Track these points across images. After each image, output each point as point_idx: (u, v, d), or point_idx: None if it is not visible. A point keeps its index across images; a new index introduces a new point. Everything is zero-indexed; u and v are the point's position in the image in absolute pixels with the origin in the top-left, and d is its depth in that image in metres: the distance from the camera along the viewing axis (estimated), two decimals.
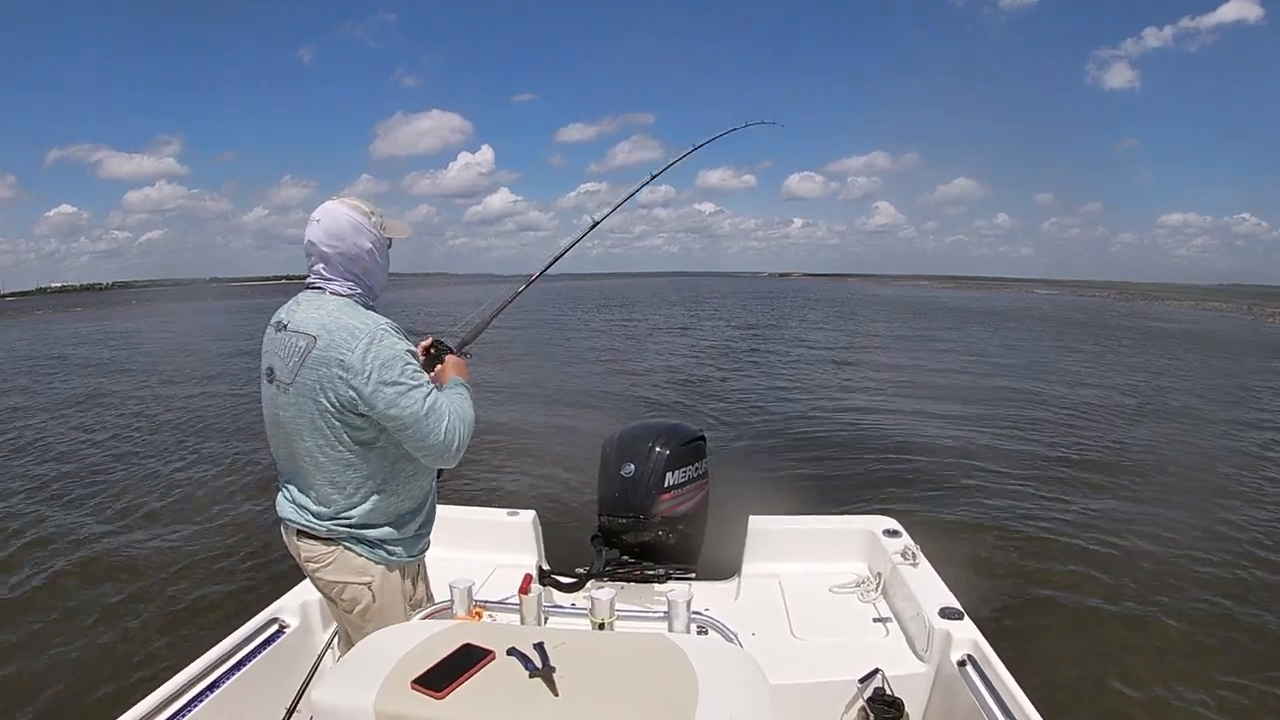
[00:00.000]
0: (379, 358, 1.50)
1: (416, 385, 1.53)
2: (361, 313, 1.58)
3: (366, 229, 1.63)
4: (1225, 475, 6.72)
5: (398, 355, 1.52)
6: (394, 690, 1.12)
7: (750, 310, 35.63)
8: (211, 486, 6.30)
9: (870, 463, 6.82)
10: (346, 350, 1.50)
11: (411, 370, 1.54)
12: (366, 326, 1.53)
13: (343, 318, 1.55)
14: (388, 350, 1.51)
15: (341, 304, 1.59)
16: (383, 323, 1.56)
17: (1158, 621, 3.87)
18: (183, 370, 14.31)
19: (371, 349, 1.50)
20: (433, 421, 1.53)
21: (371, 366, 1.49)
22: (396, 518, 1.67)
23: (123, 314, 43.71)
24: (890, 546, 2.63)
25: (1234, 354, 18.11)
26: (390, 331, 1.55)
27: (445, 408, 1.57)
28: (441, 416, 1.55)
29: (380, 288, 1.70)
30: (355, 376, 1.50)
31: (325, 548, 1.66)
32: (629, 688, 1.16)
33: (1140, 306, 47.77)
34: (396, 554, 1.68)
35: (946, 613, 2.15)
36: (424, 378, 1.57)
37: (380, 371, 1.49)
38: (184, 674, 1.84)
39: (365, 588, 1.67)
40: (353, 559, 1.65)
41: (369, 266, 1.65)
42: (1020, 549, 4.79)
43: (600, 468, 2.80)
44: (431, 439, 1.54)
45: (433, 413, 1.54)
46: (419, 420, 1.52)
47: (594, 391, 10.79)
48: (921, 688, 2.10)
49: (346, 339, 1.51)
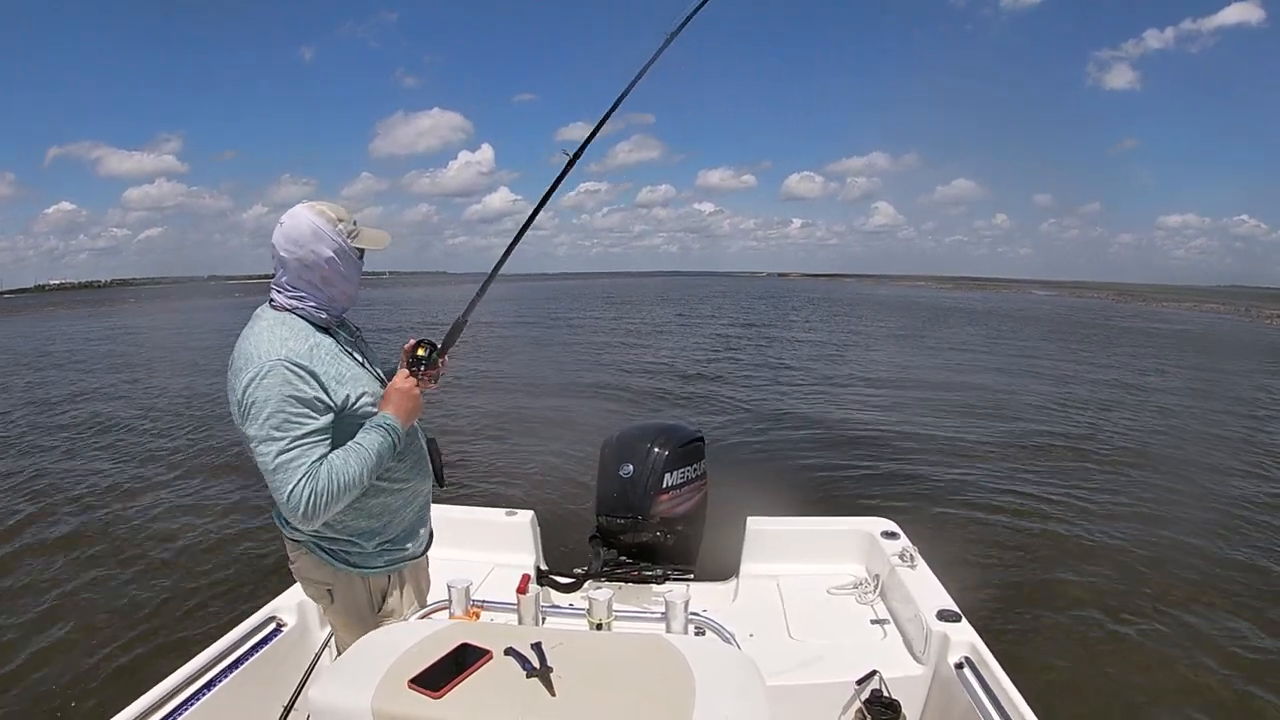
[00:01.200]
0: (253, 396, 1.42)
1: (274, 439, 1.42)
2: (276, 335, 1.48)
3: (328, 236, 1.53)
4: (1225, 479, 6.72)
5: (271, 399, 1.42)
6: (391, 690, 1.12)
7: (748, 310, 35.64)
8: (208, 483, 6.30)
9: (868, 464, 6.83)
10: (236, 379, 1.46)
11: (279, 419, 1.42)
12: (261, 358, 1.44)
13: (253, 340, 1.48)
14: (265, 391, 1.42)
15: (272, 321, 1.52)
16: (280, 356, 1.44)
17: (1156, 624, 3.87)
18: (181, 365, 14.29)
19: (252, 384, 1.43)
20: (279, 478, 1.42)
21: (248, 401, 1.43)
22: (351, 535, 1.62)
23: (123, 311, 43.72)
24: (888, 548, 2.63)
25: (1231, 356, 18.15)
26: (282, 368, 1.43)
27: (305, 474, 1.42)
28: (289, 481, 1.41)
29: (345, 299, 1.60)
30: (236, 405, 1.46)
31: (295, 550, 1.66)
32: (626, 688, 1.16)
33: (1138, 308, 47.86)
34: (356, 563, 1.64)
35: (944, 615, 2.15)
36: (294, 431, 1.43)
37: (250, 410, 1.43)
38: (180, 672, 1.84)
39: (326, 591, 1.66)
40: (316, 561, 1.63)
41: (328, 276, 1.54)
42: (1018, 551, 4.79)
43: (599, 468, 2.79)
44: (277, 495, 1.44)
45: (281, 469, 1.41)
46: (267, 472, 1.43)
47: (592, 391, 10.80)
48: (919, 690, 2.10)
49: (242, 365, 1.46)
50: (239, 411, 1.46)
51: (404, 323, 25.48)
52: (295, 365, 1.45)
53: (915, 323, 28.64)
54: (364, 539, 1.63)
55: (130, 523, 5.40)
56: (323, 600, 1.69)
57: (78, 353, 18.60)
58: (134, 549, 4.86)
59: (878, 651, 2.23)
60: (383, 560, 1.66)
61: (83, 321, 34.72)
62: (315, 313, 1.56)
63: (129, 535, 5.13)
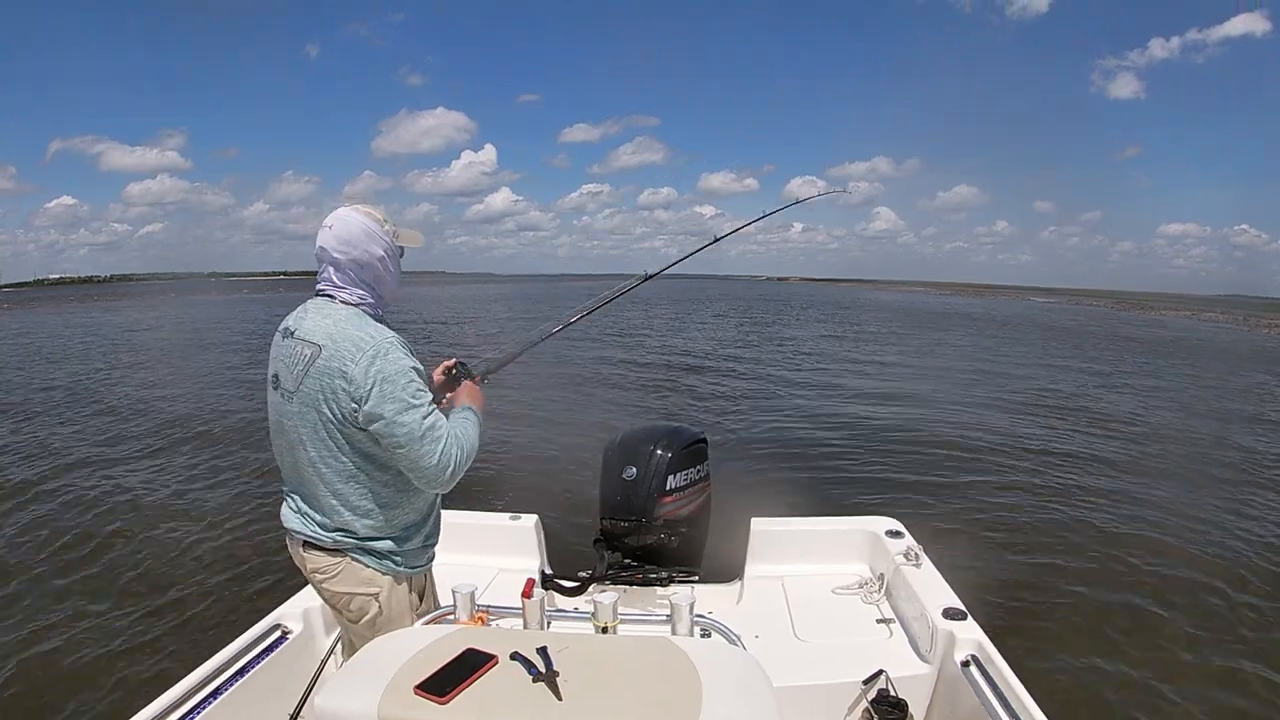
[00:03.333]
0: (382, 372, 1.47)
1: (416, 405, 1.49)
2: (369, 324, 1.55)
3: (379, 236, 1.61)
4: (1232, 477, 6.71)
5: (401, 371, 1.49)
6: (397, 696, 1.12)
7: (749, 313, 35.59)
8: (215, 488, 6.29)
9: (872, 464, 6.82)
10: (350, 362, 1.48)
11: (414, 389, 1.50)
12: (373, 339, 1.50)
13: (349, 328, 1.52)
14: (391, 365, 1.48)
15: (350, 314, 1.57)
16: (389, 336, 1.53)
17: (1163, 621, 3.86)
18: (184, 364, 14.29)
19: (376, 363, 1.47)
20: (428, 444, 1.49)
21: (374, 381, 1.46)
22: (401, 530, 1.65)
23: (127, 306, 43.72)
24: (893, 547, 2.63)
25: (1231, 364, 18.13)
26: (396, 346, 1.52)
27: (445, 431, 1.53)
28: (439, 439, 1.51)
29: (391, 297, 1.68)
30: (357, 389, 1.47)
31: (331, 559, 1.64)
32: (633, 692, 1.16)
33: (1136, 316, 47.78)
34: (403, 565, 1.67)
35: (950, 613, 2.15)
36: (426, 397, 1.53)
37: (382, 386, 1.46)
38: (187, 680, 1.84)
39: (373, 599, 1.65)
40: (360, 570, 1.63)
41: (380, 275, 1.62)
42: (1023, 549, 4.78)
43: (602, 471, 2.79)
44: (425, 461, 1.50)
45: (430, 434, 1.50)
46: (414, 440, 1.49)
47: (594, 392, 10.79)
48: (925, 688, 2.10)
49: (351, 350, 1.49)
50: (358, 394, 1.47)
51: (403, 323, 25.47)
52: (402, 343, 1.55)
53: (915, 326, 28.61)
54: (413, 532, 1.68)
55: (130, 525, 5.39)
56: (369, 610, 1.66)
57: (78, 346, 18.63)
58: (134, 554, 4.85)
59: (884, 651, 2.23)
60: (425, 558, 1.74)
61: (89, 316, 34.76)
62: (375, 310, 1.64)
63: (129, 540, 5.12)
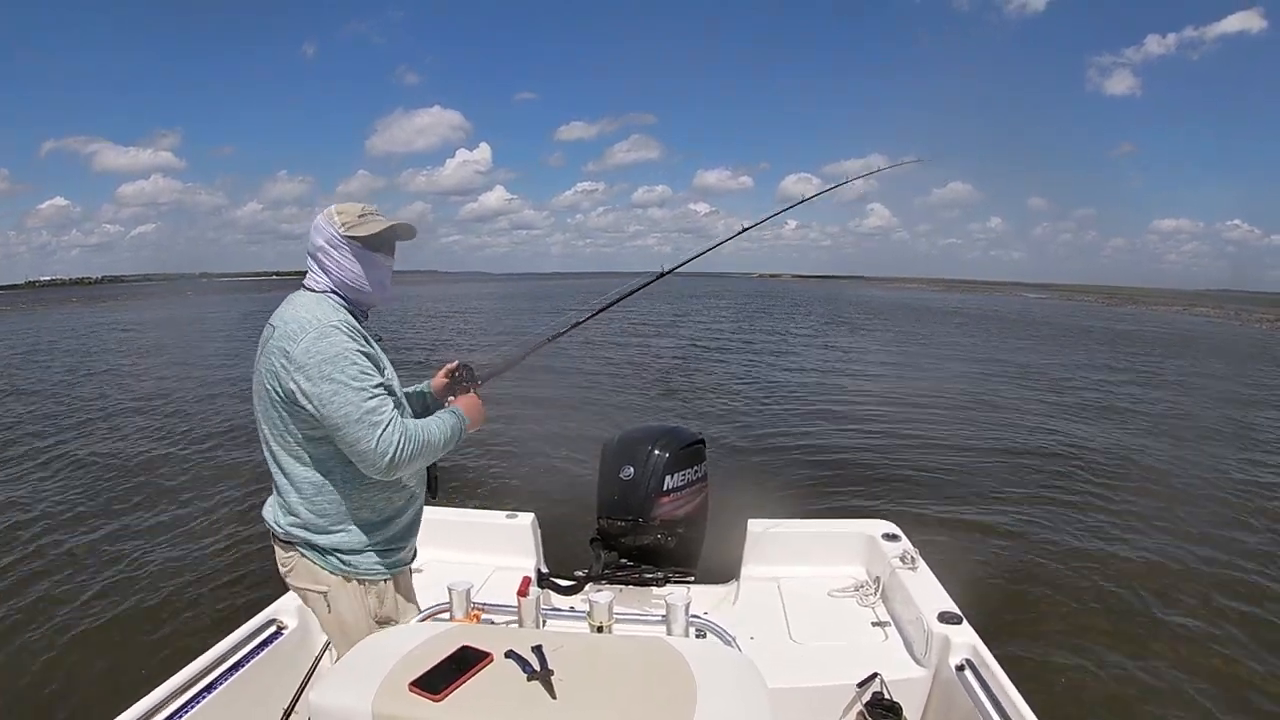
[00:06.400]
0: (322, 352, 1.45)
1: (356, 388, 1.45)
2: (324, 308, 1.54)
3: (323, 227, 1.60)
4: (1228, 480, 6.71)
5: (342, 353, 1.46)
6: (392, 692, 1.12)
7: (742, 311, 35.62)
8: (210, 483, 6.29)
9: (869, 466, 6.82)
10: (291, 341, 1.47)
11: (355, 371, 1.46)
12: (318, 321, 1.49)
13: (301, 310, 1.52)
14: (332, 346, 1.46)
15: (312, 299, 1.57)
16: (337, 320, 1.51)
17: (1158, 626, 3.86)
18: (183, 364, 14.29)
19: (317, 343, 1.46)
20: (364, 428, 1.44)
21: (313, 360, 1.45)
22: (353, 526, 1.59)
23: (119, 308, 43.71)
24: (889, 550, 2.63)
25: (1227, 359, 18.18)
26: (342, 330, 1.49)
27: (390, 418, 1.47)
28: (379, 425, 1.45)
29: (355, 287, 1.61)
30: (297, 369, 1.46)
31: (285, 553, 1.62)
32: (627, 691, 1.16)
33: (1128, 311, 47.89)
34: (352, 565, 1.60)
35: (945, 617, 2.15)
36: (370, 381, 1.48)
37: (320, 366, 1.44)
38: (180, 675, 1.83)
39: (321, 597, 1.61)
40: (310, 565, 1.60)
41: (327, 265, 1.59)
42: (1019, 553, 4.78)
43: (599, 470, 2.79)
44: (363, 444, 1.45)
45: (369, 418, 1.45)
46: (351, 423, 1.44)
47: (592, 391, 10.78)
48: (920, 692, 2.10)
49: (295, 330, 1.48)
50: (297, 374, 1.45)
51: (391, 324, 25.46)
52: (351, 328, 1.52)
53: (912, 324, 28.64)
54: (367, 532, 1.60)
55: (128, 522, 5.39)
56: (319, 608, 1.64)
57: (76, 346, 18.62)
58: (130, 549, 4.84)
59: (879, 654, 2.23)
60: (380, 564, 1.64)
61: (90, 317, 34.76)
62: (345, 300, 1.61)
63: (124, 536, 5.12)
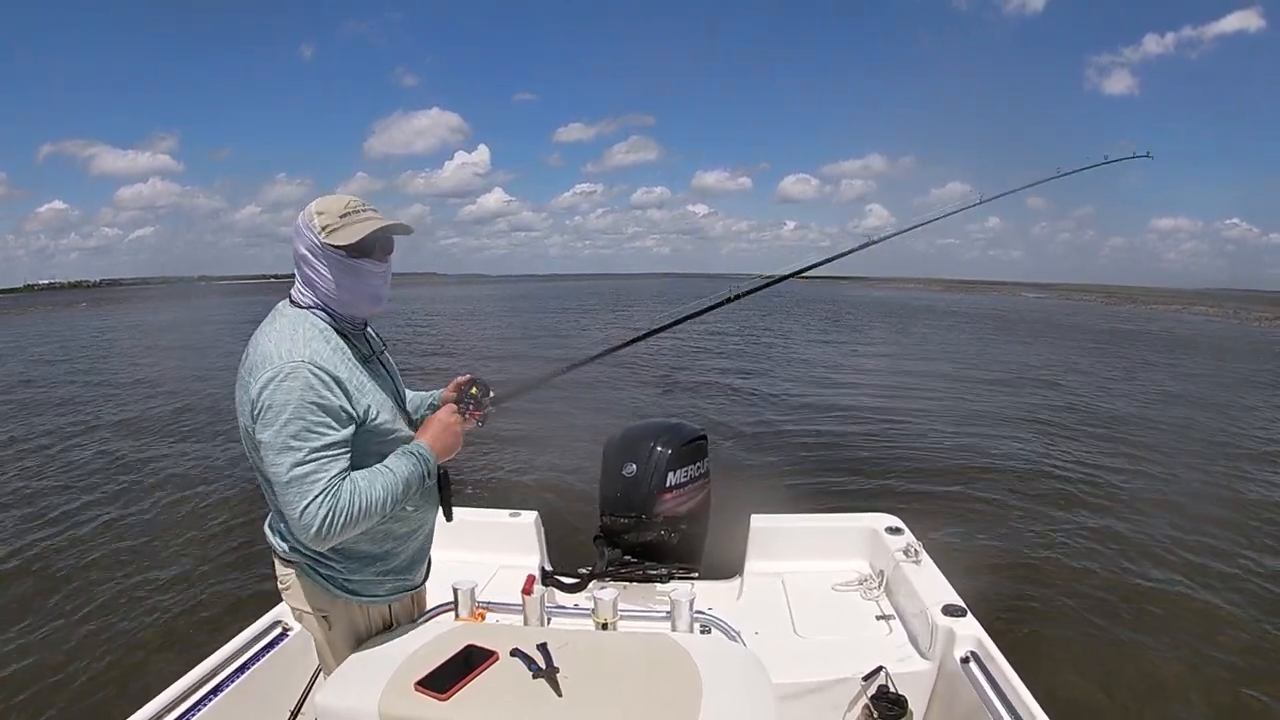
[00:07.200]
0: (270, 401, 1.30)
1: (291, 448, 1.29)
2: (299, 334, 1.36)
3: (303, 231, 1.41)
4: (1235, 473, 6.70)
5: (290, 403, 1.29)
6: (398, 692, 1.12)
7: (742, 311, 35.53)
8: (220, 484, 6.30)
9: (872, 460, 6.82)
10: (253, 376, 1.33)
11: (296, 428, 1.29)
12: (280, 359, 1.32)
13: (273, 338, 1.36)
14: (283, 395, 1.29)
15: (292, 319, 1.40)
16: (306, 354, 1.33)
17: (1163, 618, 3.86)
18: (183, 368, 14.29)
19: (269, 388, 1.30)
20: (292, 494, 1.29)
21: (262, 406, 1.30)
22: (353, 556, 1.48)
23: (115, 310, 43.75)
24: (892, 544, 2.63)
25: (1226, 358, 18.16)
26: (308, 369, 1.31)
27: (322, 487, 1.30)
28: (306, 495, 1.29)
29: (344, 301, 1.43)
30: (252, 407, 1.33)
31: (285, 569, 1.50)
32: (633, 688, 1.16)
33: (1127, 310, 47.80)
34: (358, 590, 1.50)
35: (949, 609, 2.15)
36: (313, 442, 1.30)
37: (265, 414, 1.30)
38: (188, 677, 1.84)
39: (323, 619, 1.50)
40: (310, 586, 1.48)
41: (311, 278, 1.42)
42: (1023, 545, 4.78)
43: (602, 467, 2.80)
44: (288, 511, 1.31)
45: (297, 484, 1.29)
46: (280, 484, 1.30)
47: (594, 389, 10.78)
48: (925, 685, 2.10)
49: (258, 362, 1.34)
50: (251, 413, 1.32)
51: (394, 328, 25.46)
52: (320, 369, 1.32)
53: (907, 323, 28.61)
54: (366, 564, 1.50)
55: (132, 524, 5.40)
56: (318, 628, 1.52)
57: (76, 347, 18.63)
58: (137, 552, 4.86)
59: (883, 647, 2.23)
60: (385, 589, 1.54)
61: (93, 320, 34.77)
62: (330, 312, 1.44)
63: (131, 540, 5.13)
